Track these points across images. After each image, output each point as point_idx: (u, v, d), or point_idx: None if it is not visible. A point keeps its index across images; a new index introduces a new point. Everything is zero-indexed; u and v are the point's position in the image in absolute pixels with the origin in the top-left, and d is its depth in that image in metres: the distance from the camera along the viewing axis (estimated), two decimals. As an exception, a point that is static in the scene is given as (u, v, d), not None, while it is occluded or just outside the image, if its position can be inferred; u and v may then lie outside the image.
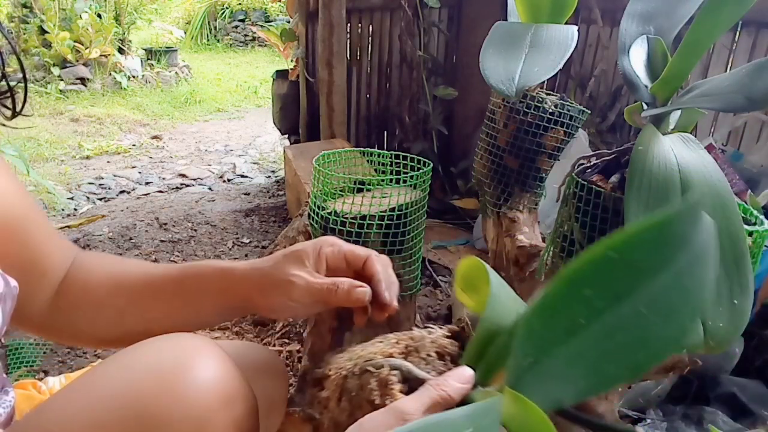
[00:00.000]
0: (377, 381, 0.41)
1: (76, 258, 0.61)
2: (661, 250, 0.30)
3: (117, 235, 2.09)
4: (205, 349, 0.46)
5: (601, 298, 0.31)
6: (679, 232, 0.30)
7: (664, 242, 0.30)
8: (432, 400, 0.38)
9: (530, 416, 0.33)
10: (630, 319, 0.31)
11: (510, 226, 0.93)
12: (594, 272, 0.31)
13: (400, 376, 0.41)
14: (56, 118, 3.94)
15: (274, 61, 6.16)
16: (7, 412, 0.51)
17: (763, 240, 0.63)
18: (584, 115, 0.91)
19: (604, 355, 0.31)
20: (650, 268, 0.30)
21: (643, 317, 0.30)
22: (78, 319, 0.59)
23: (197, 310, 0.58)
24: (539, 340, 0.33)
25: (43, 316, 0.58)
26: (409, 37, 2.26)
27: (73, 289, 0.58)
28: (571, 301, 0.32)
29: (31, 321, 0.58)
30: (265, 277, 0.55)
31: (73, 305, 0.58)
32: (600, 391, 0.32)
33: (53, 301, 0.58)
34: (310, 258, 0.55)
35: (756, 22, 1.69)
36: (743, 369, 1.18)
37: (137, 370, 0.44)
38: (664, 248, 0.30)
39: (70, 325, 0.59)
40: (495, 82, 0.62)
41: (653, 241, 0.30)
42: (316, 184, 0.80)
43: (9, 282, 0.49)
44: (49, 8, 4.53)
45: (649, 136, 0.57)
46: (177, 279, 0.57)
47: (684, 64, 0.57)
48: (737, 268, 0.51)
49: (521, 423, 0.34)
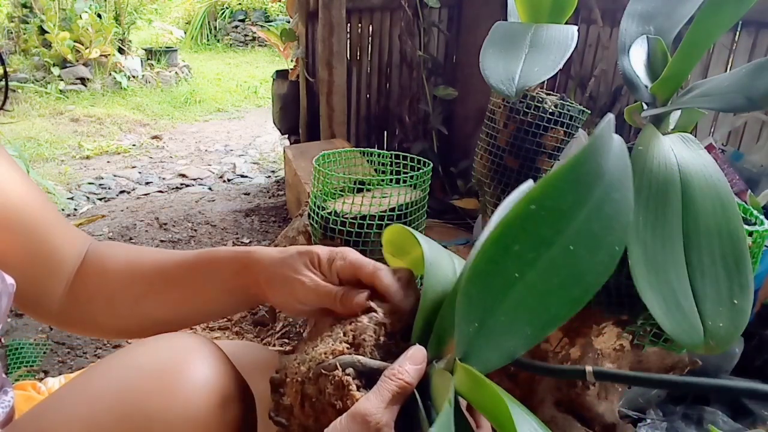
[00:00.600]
0: (333, 385, 0.40)
1: (91, 248, 0.61)
2: (577, 189, 0.31)
3: (117, 235, 2.09)
4: (201, 349, 0.46)
5: (530, 249, 0.32)
6: (590, 169, 0.31)
7: (577, 182, 0.31)
8: (392, 393, 0.38)
9: (483, 389, 0.34)
10: (560, 260, 0.32)
11: (510, 226, 0.93)
12: (519, 227, 0.32)
13: (354, 372, 0.41)
14: (56, 118, 3.94)
15: (274, 61, 6.16)
16: (6, 412, 0.51)
17: (763, 240, 0.63)
18: (584, 115, 0.91)
19: (542, 298, 0.32)
20: (570, 208, 0.31)
21: (572, 254, 0.31)
22: (96, 309, 0.59)
23: (211, 294, 0.57)
24: (479, 304, 0.34)
25: (60, 308, 0.58)
26: (409, 37, 2.26)
27: (90, 280, 0.58)
28: (503, 259, 0.33)
29: (49, 313, 0.58)
30: (274, 269, 0.54)
31: (91, 296, 0.58)
32: (546, 333, 0.34)
33: (70, 293, 0.58)
34: (321, 262, 0.54)
35: (756, 22, 1.69)
36: (743, 369, 1.18)
37: (133, 369, 0.44)
38: (579, 187, 0.31)
39: (89, 316, 0.59)
40: (495, 82, 0.62)
41: (568, 183, 0.31)
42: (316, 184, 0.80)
43: (5, 279, 0.49)
44: (49, 8, 4.53)
45: (649, 136, 0.57)
46: (192, 262, 0.57)
47: (684, 64, 0.57)
48: (737, 268, 0.51)
49: (476, 396, 0.35)
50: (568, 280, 0.32)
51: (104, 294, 0.58)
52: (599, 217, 0.31)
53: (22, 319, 1.57)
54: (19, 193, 0.54)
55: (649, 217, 0.52)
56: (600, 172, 0.31)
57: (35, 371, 1.37)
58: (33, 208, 0.55)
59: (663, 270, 0.50)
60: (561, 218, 0.32)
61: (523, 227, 0.32)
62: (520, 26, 0.71)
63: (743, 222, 0.54)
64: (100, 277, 0.58)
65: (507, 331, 0.34)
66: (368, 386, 0.40)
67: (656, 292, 0.49)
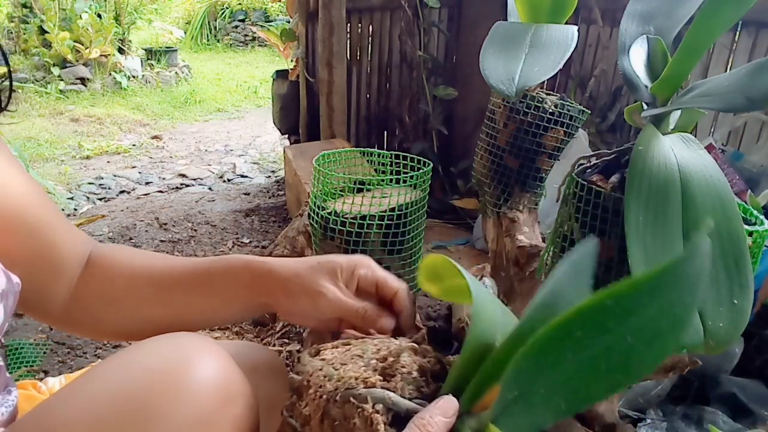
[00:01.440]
0: (361, 418, 0.41)
1: (95, 250, 0.60)
2: (656, 292, 0.31)
3: (117, 235, 2.09)
4: (205, 348, 0.46)
5: (590, 336, 0.32)
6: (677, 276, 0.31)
7: (659, 287, 0.31)
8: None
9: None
10: (615, 348, 0.31)
11: (510, 226, 0.93)
12: (588, 317, 0.32)
13: (383, 408, 0.41)
14: (56, 118, 3.94)
15: (274, 61, 6.16)
16: (9, 411, 0.51)
17: (763, 240, 0.63)
18: (584, 115, 0.91)
19: (586, 380, 0.32)
20: (643, 305, 0.31)
21: (628, 344, 0.31)
22: (99, 311, 0.59)
23: (221, 302, 0.58)
24: (526, 376, 0.34)
25: (63, 309, 0.58)
26: (409, 37, 2.26)
27: (94, 282, 0.58)
28: (563, 341, 0.33)
29: (50, 314, 0.58)
30: (295, 280, 0.54)
31: (95, 298, 0.58)
32: (578, 409, 0.34)
33: (74, 294, 0.58)
34: (343, 273, 0.54)
35: (756, 22, 1.69)
36: (743, 369, 1.18)
37: (137, 368, 0.44)
38: (658, 291, 0.31)
39: (92, 318, 0.59)
40: (495, 82, 0.62)
41: (651, 288, 0.31)
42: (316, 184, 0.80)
43: (11, 278, 0.49)
44: (49, 8, 4.53)
45: (649, 136, 0.57)
46: (204, 270, 0.57)
47: (684, 64, 0.57)
48: (737, 268, 0.51)
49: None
50: (617, 367, 0.32)
51: (108, 296, 0.58)
52: (666, 316, 0.31)
53: (22, 319, 1.57)
54: (22, 193, 0.54)
55: (649, 217, 0.52)
56: (681, 278, 0.31)
57: (35, 371, 1.37)
58: (35, 208, 0.55)
59: (663, 270, 0.50)
60: (630, 314, 0.31)
61: (593, 318, 0.32)
62: (520, 26, 0.71)
63: (743, 222, 0.54)
64: (105, 279, 0.58)
65: (543, 402, 0.34)
66: (394, 423, 0.40)
67: (656, 292, 0.49)
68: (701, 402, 1.14)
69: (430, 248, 1.94)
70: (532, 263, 0.87)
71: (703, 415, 1.10)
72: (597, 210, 0.63)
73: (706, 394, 1.15)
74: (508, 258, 0.93)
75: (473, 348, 0.41)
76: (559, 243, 0.71)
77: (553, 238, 0.73)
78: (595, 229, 0.64)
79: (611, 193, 0.63)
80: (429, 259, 0.49)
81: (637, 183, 0.53)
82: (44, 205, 0.56)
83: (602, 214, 0.63)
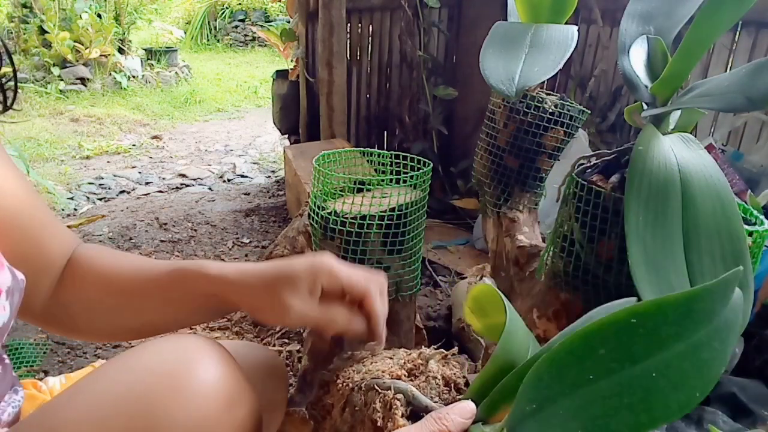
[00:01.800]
0: (381, 402, 0.42)
1: (77, 251, 0.61)
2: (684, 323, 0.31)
3: (117, 235, 2.09)
4: (208, 350, 0.47)
5: (614, 359, 0.32)
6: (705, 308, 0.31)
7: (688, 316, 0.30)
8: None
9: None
10: (639, 382, 0.31)
11: (510, 226, 0.93)
12: (612, 334, 0.32)
13: (404, 399, 0.42)
14: (56, 118, 3.94)
15: (274, 61, 6.16)
16: (16, 411, 0.52)
17: (763, 240, 0.63)
18: (584, 115, 0.91)
19: (606, 412, 0.31)
20: (670, 337, 0.31)
21: (653, 381, 0.31)
22: (76, 314, 0.59)
23: (186, 311, 0.58)
24: (546, 389, 0.34)
25: (44, 308, 0.58)
26: (409, 37, 2.26)
27: (71, 285, 0.59)
28: (585, 357, 0.32)
29: (33, 312, 0.58)
30: (256, 295, 0.54)
31: (71, 301, 0.59)
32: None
33: (54, 294, 0.58)
34: (304, 283, 0.53)
35: (756, 22, 1.69)
36: (743, 369, 1.18)
37: (141, 370, 0.44)
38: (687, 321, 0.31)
39: (69, 319, 0.60)
40: (495, 82, 0.62)
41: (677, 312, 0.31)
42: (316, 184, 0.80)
43: (16, 275, 0.49)
44: (49, 8, 4.53)
45: (649, 136, 0.57)
46: (165, 282, 0.57)
47: (684, 64, 0.57)
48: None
49: None
50: (639, 405, 0.31)
51: (82, 300, 0.59)
52: (694, 358, 0.30)
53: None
54: (12, 190, 0.54)
55: (649, 217, 0.52)
56: (711, 316, 0.31)
57: (35, 371, 1.37)
58: (25, 205, 0.55)
59: (663, 270, 0.50)
60: (656, 343, 0.31)
61: (617, 335, 0.32)
62: (520, 26, 0.71)
63: (743, 222, 0.54)
64: (81, 284, 0.59)
65: (560, 424, 0.33)
66: (410, 418, 0.42)
67: (656, 292, 0.49)
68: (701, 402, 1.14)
69: (430, 248, 1.94)
70: (532, 263, 0.87)
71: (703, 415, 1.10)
72: (597, 210, 0.63)
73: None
74: (508, 258, 0.93)
75: (499, 362, 0.42)
76: (559, 243, 0.71)
77: (553, 238, 0.73)
78: (595, 229, 0.64)
79: (611, 193, 0.63)
80: (477, 290, 0.48)
81: (637, 183, 0.53)
82: (35, 204, 0.56)
83: (602, 214, 0.63)
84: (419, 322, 1.20)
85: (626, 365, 0.31)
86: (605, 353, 0.32)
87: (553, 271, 0.73)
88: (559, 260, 0.71)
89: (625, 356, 0.31)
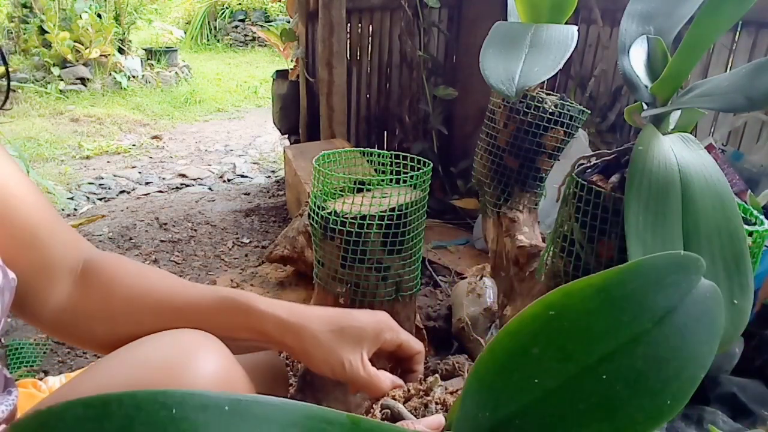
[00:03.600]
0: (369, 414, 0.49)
1: (95, 260, 0.59)
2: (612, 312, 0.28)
3: (117, 235, 2.09)
4: (207, 344, 0.47)
5: (551, 359, 0.29)
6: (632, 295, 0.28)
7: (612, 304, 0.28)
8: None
9: None
10: (589, 385, 0.28)
11: (510, 226, 0.93)
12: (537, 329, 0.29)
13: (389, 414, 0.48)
14: (56, 118, 3.94)
15: (274, 61, 6.16)
16: (9, 410, 0.51)
17: (763, 240, 0.63)
18: (584, 115, 0.91)
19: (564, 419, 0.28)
20: (605, 332, 0.28)
21: (605, 384, 0.27)
22: (97, 327, 0.57)
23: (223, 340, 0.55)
24: (492, 393, 0.30)
25: (55, 315, 0.56)
26: (409, 37, 2.26)
27: (94, 296, 0.57)
28: (521, 358, 0.30)
29: (39, 318, 0.56)
30: (314, 342, 0.53)
31: (94, 314, 0.57)
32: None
33: (69, 305, 0.56)
34: (369, 342, 0.54)
35: (756, 22, 1.69)
36: (743, 369, 1.18)
37: (141, 363, 0.44)
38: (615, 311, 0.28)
39: (87, 330, 0.57)
40: (495, 82, 0.62)
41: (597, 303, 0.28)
42: (316, 184, 0.80)
43: (7, 274, 0.49)
44: (49, 8, 4.53)
45: (649, 136, 0.57)
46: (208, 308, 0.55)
47: (684, 64, 0.57)
48: (737, 268, 0.51)
49: None
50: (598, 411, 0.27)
51: (107, 314, 0.57)
52: (647, 356, 0.27)
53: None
54: (20, 194, 0.53)
55: (649, 217, 0.52)
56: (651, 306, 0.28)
57: (35, 371, 1.37)
58: (33, 209, 0.54)
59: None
60: (590, 338, 0.28)
61: (543, 331, 0.29)
62: (520, 26, 0.71)
63: (743, 222, 0.54)
64: (104, 296, 0.57)
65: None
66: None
67: (656, 292, 0.49)
68: (701, 402, 1.14)
69: (430, 248, 1.94)
70: (532, 263, 0.87)
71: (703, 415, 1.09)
72: (597, 210, 0.63)
73: (705, 394, 1.15)
74: (508, 258, 0.93)
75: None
76: (559, 243, 0.71)
77: (553, 238, 0.73)
78: (595, 229, 0.64)
79: (611, 193, 0.63)
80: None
81: (637, 183, 0.53)
82: (42, 207, 0.55)
83: (602, 214, 0.63)
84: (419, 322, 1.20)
85: (567, 365, 0.28)
86: (539, 352, 0.29)
87: (553, 271, 0.73)
88: (559, 260, 0.71)
89: (561, 355, 0.28)
